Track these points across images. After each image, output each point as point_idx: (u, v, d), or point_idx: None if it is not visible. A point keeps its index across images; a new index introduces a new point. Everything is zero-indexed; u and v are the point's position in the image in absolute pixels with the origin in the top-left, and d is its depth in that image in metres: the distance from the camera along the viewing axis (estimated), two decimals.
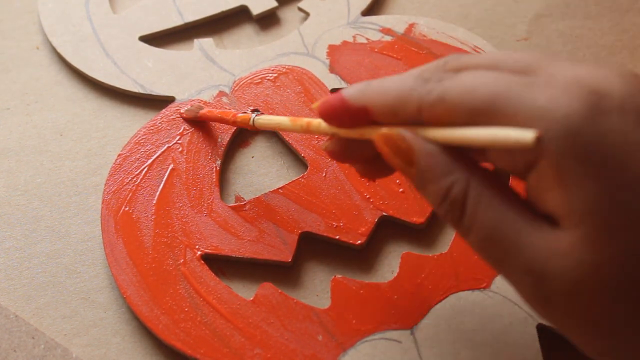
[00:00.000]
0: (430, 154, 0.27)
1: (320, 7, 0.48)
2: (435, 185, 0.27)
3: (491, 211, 0.26)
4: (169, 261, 0.38)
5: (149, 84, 0.45)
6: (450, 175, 0.26)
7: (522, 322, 0.35)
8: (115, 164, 0.41)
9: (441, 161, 0.27)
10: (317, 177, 0.40)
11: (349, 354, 0.35)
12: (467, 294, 0.36)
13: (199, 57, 0.46)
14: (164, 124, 0.43)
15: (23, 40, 0.48)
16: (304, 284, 0.38)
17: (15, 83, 0.46)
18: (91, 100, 0.45)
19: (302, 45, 0.46)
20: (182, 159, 0.41)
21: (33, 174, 0.43)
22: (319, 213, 0.39)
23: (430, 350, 0.35)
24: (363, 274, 0.38)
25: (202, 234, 0.39)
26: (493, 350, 0.35)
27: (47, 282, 0.39)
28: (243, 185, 0.42)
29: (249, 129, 0.38)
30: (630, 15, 0.48)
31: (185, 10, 0.49)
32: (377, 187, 0.40)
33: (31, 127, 0.44)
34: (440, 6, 0.49)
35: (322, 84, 0.44)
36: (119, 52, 0.46)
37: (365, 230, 0.38)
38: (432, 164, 0.27)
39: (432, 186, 0.27)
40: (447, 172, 0.27)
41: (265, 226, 0.39)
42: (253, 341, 0.35)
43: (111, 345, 0.37)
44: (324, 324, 0.36)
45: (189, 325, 0.36)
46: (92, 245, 0.40)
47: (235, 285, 0.38)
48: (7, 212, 0.41)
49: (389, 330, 0.36)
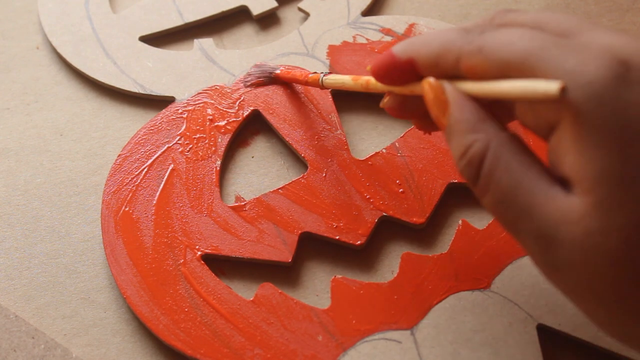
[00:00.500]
0: (461, 108, 0.28)
1: (320, 7, 0.48)
2: (458, 140, 0.28)
3: (508, 174, 0.26)
4: (169, 261, 0.38)
5: (149, 84, 0.45)
6: (474, 133, 0.27)
7: (522, 322, 0.35)
8: (115, 164, 0.41)
9: (469, 118, 0.28)
10: (317, 177, 0.40)
11: (349, 354, 0.35)
12: (467, 294, 0.36)
13: (199, 57, 0.46)
14: (164, 124, 0.43)
15: (23, 40, 0.48)
16: (304, 284, 0.38)
17: (15, 83, 0.46)
18: (91, 100, 0.45)
19: (302, 46, 0.46)
20: (182, 159, 0.41)
21: (33, 174, 0.43)
22: (319, 213, 0.39)
23: (430, 350, 0.35)
24: (363, 274, 0.38)
25: (202, 234, 0.39)
26: (493, 350, 0.35)
27: (47, 282, 0.39)
28: (243, 185, 0.42)
29: (320, 88, 0.40)
30: (630, 15, 0.48)
31: (185, 10, 0.48)
32: (377, 187, 0.40)
33: (31, 127, 0.44)
34: (440, 6, 0.49)
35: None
36: (118, 52, 0.46)
37: (365, 231, 0.38)
38: (460, 118, 0.28)
39: (455, 140, 0.28)
40: (472, 129, 0.27)
41: (265, 226, 0.39)
42: (253, 341, 0.35)
43: (111, 345, 0.37)
44: (324, 324, 0.36)
45: (189, 325, 0.36)
46: (92, 245, 0.40)
47: (235, 285, 0.38)
48: (7, 212, 0.41)
49: (389, 330, 0.36)
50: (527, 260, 0.37)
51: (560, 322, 0.35)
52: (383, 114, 0.44)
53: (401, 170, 0.40)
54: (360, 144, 0.43)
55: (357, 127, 0.44)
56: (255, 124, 0.44)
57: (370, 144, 0.43)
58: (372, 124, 0.44)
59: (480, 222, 0.39)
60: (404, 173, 0.40)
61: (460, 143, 0.28)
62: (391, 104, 0.33)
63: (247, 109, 0.43)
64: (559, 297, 0.36)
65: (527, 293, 0.36)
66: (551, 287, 0.36)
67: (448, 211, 0.40)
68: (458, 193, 0.40)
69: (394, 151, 0.41)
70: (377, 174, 0.40)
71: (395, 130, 0.43)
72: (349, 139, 0.43)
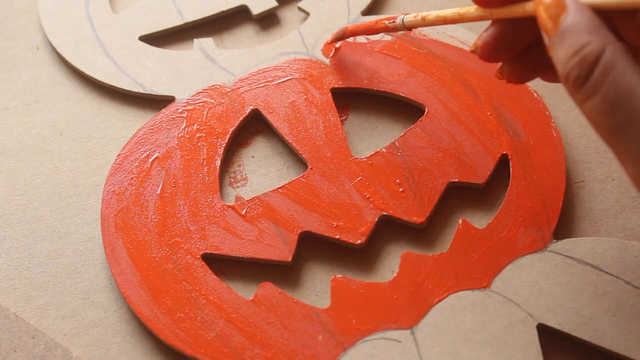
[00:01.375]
0: (581, 11, 0.28)
1: (321, 7, 0.48)
2: (573, 39, 0.28)
3: (623, 77, 0.27)
4: (169, 261, 0.38)
5: (149, 84, 0.45)
6: (592, 34, 0.28)
7: (522, 321, 0.35)
8: (115, 164, 0.41)
9: (587, 21, 0.28)
10: (317, 176, 0.40)
11: (349, 353, 0.35)
12: (467, 294, 0.36)
13: (199, 57, 0.46)
14: (164, 123, 0.43)
15: (23, 40, 0.48)
16: (304, 283, 0.38)
17: (15, 83, 0.46)
18: (91, 100, 0.45)
19: (302, 45, 0.46)
20: (182, 158, 0.41)
21: (33, 174, 0.43)
22: (319, 213, 0.39)
23: (430, 350, 0.35)
24: (363, 274, 0.38)
25: (202, 234, 0.39)
26: (493, 350, 0.35)
27: (47, 282, 0.39)
28: (243, 185, 0.42)
29: (401, 30, 0.39)
30: None
31: (185, 10, 0.48)
32: (377, 187, 0.40)
33: (31, 127, 0.44)
34: (440, 6, 0.49)
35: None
36: (119, 52, 0.46)
37: (365, 230, 0.38)
38: (578, 20, 0.28)
39: (569, 40, 0.28)
40: (590, 31, 0.28)
41: (265, 226, 0.39)
42: (253, 341, 0.35)
43: (111, 345, 0.37)
44: (324, 324, 0.36)
45: (188, 325, 0.36)
46: (92, 245, 0.40)
47: (235, 285, 0.38)
48: (7, 212, 0.41)
49: (389, 330, 0.36)
50: (527, 259, 0.37)
51: (560, 322, 0.35)
52: (383, 114, 0.44)
53: (401, 170, 0.40)
54: (360, 144, 0.43)
55: (357, 127, 0.44)
56: (255, 124, 0.44)
57: (370, 144, 0.43)
58: (372, 124, 0.44)
59: (480, 221, 0.39)
60: (404, 172, 0.40)
61: (575, 42, 0.28)
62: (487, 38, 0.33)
63: (247, 108, 0.43)
64: (559, 297, 0.36)
65: (527, 293, 0.36)
66: (551, 287, 0.36)
67: (448, 211, 0.40)
68: (458, 192, 0.40)
69: (394, 150, 0.41)
70: (377, 173, 0.40)
71: (395, 130, 0.43)
72: (349, 139, 0.43)
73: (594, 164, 0.41)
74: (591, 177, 0.41)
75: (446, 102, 0.42)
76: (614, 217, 0.39)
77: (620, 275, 0.36)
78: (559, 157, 0.40)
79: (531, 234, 0.38)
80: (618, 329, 0.35)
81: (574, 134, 0.42)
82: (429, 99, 0.43)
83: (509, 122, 0.41)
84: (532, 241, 0.38)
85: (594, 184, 0.41)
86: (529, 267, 0.37)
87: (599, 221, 0.39)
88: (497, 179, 0.41)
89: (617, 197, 0.40)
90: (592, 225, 0.39)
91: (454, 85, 0.43)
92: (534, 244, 0.38)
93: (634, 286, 0.36)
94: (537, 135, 0.41)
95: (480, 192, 0.40)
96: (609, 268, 0.36)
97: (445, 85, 0.43)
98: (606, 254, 0.37)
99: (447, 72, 0.44)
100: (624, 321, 0.35)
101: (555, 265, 0.37)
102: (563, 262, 0.37)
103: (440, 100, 0.42)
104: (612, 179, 0.41)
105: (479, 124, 0.41)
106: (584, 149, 0.42)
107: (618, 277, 0.36)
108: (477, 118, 0.42)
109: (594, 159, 0.42)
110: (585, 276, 0.36)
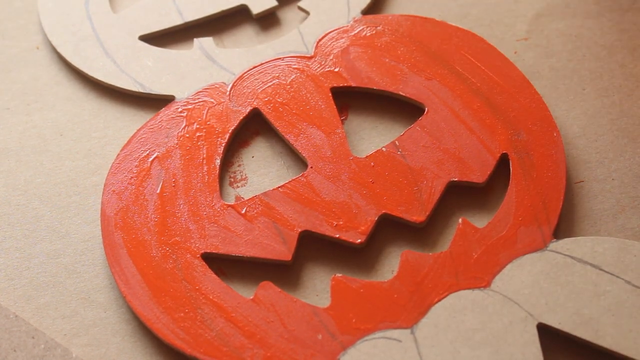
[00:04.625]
0: None
1: (320, 7, 0.48)
2: None
3: None
4: (168, 260, 0.38)
5: (148, 83, 0.45)
6: None
7: (522, 321, 0.35)
8: (115, 163, 0.41)
9: None
10: (317, 175, 0.40)
11: (349, 353, 0.35)
12: (467, 293, 0.36)
13: (199, 56, 0.46)
14: (163, 122, 0.43)
15: (23, 40, 0.48)
16: (304, 282, 0.38)
17: (15, 83, 0.46)
18: (91, 100, 0.45)
19: (302, 45, 0.46)
20: (182, 158, 0.41)
21: (33, 174, 0.43)
22: (319, 212, 0.39)
23: (430, 349, 0.35)
24: (363, 273, 0.38)
25: (201, 233, 0.39)
26: (493, 349, 0.34)
27: (47, 282, 0.39)
28: (243, 185, 0.42)
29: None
30: (630, 15, 0.48)
31: (185, 9, 0.49)
32: (377, 186, 0.40)
33: (31, 127, 0.44)
34: (440, 6, 0.49)
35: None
36: (118, 52, 0.46)
37: (365, 229, 0.38)
38: None
39: None
40: None
41: (265, 225, 0.39)
42: (253, 340, 0.35)
43: (111, 345, 0.37)
44: (324, 323, 0.36)
45: (188, 324, 0.36)
46: (92, 245, 0.40)
47: (235, 285, 0.38)
48: (7, 212, 0.41)
49: (389, 329, 0.36)
50: (527, 259, 0.37)
51: (561, 321, 0.35)
52: (383, 113, 0.44)
53: (401, 169, 0.40)
54: (360, 144, 0.43)
55: (357, 127, 0.44)
56: (255, 124, 0.44)
57: (370, 143, 0.43)
58: (372, 124, 0.44)
59: (480, 221, 0.39)
60: (404, 171, 0.40)
61: None
62: None
63: (247, 107, 0.43)
64: (559, 296, 0.36)
65: (528, 292, 0.36)
66: (551, 286, 0.36)
67: (448, 210, 0.40)
68: (458, 192, 0.40)
69: (394, 149, 0.41)
70: (377, 172, 0.40)
71: (395, 129, 0.43)
72: (349, 139, 0.43)
73: (594, 164, 0.41)
74: (591, 177, 0.41)
75: (446, 101, 0.42)
76: (614, 217, 0.39)
77: (621, 274, 0.36)
78: (559, 157, 0.40)
79: (531, 233, 0.38)
80: (618, 329, 0.35)
81: (574, 134, 0.43)
82: (429, 98, 0.43)
83: (509, 122, 0.41)
84: (532, 240, 0.38)
85: (594, 184, 0.41)
86: (529, 267, 0.37)
87: (599, 221, 0.39)
88: (497, 178, 0.41)
89: (617, 197, 0.40)
90: (592, 225, 0.39)
91: (454, 85, 0.43)
92: (534, 243, 0.38)
93: (634, 285, 0.36)
94: (537, 135, 0.41)
95: (481, 191, 0.40)
96: (609, 267, 0.36)
97: (445, 85, 0.43)
98: (606, 253, 0.37)
99: (447, 72, 0.44)
100: (624, 320, 0.35)
101: (556, 264, 0.37)
102: (563, 261, 0.37)
103: (441, 99, 0.42)
104: (612, 179, 0.41)
105: (479, 123, 0.41)
106: (584, 149, 0.42)
107: (618, 276, 0.36)
108: (477, 117, 0.42)
109: (594, 159, 0.42)
110: (586, 275, 0.36)
